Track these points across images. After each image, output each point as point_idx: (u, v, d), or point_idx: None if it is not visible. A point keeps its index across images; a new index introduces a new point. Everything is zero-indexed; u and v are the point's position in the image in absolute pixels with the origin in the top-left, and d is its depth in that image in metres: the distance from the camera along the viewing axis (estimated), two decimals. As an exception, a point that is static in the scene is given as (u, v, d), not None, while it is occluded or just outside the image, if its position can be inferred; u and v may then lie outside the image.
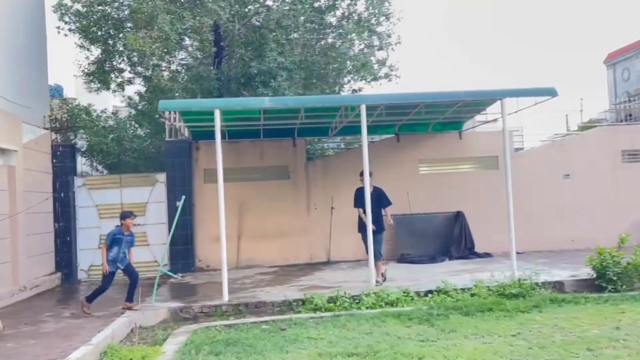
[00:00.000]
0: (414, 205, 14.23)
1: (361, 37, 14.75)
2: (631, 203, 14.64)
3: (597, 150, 14.88)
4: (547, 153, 14.98)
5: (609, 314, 7.64)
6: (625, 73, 44.11)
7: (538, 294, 9.06)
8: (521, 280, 9.33)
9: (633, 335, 6.54)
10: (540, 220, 14.47)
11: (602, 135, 15.20)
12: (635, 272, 9.32)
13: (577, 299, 8.62)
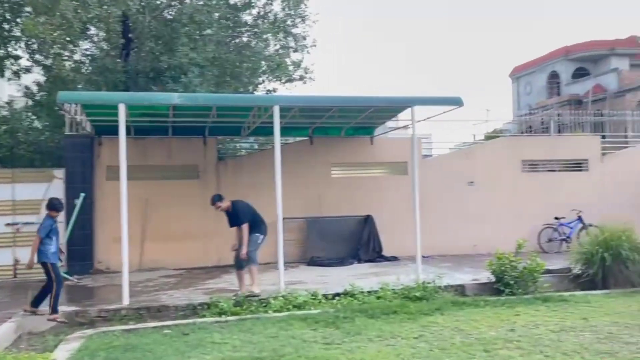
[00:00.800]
0: (326, 208, 14.39)
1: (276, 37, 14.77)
2: (530, 211, 15.55)
3: (500, 160, 15.70)
4: (453, 161, 15.64)
5: (505, 316, 8.06)
6: (527, 87, 47.02)
7: (441, 297, 9.41)
8: (425, 284, 9.66)
9: (526, 337, 6.93)
10: (446, 225, 15.06)
11: (505, 145, 16.07)
12: (530, 276, 9.90)
13: (476, 302, 9.02)
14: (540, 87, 44.44)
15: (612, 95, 36.92)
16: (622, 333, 7.02)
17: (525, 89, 46.62)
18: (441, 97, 10.76)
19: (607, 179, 16.10)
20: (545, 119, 21.26)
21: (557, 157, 16.14)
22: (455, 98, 10.62)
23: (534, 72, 45.36)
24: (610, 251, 10.04)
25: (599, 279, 10.12)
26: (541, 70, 44.43)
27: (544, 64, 44.00)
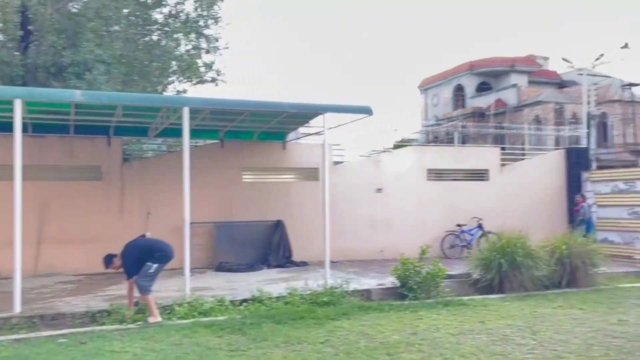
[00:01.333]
0: (236, 213, 14.24)
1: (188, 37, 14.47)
2: (434, 218, 16.17)
3: (407, 168, 16.22)
4: (363, 168, 15.98)
5: (408, 321, 8.30)
6: (435, 99, 48.99)
7: (348, 301, 9.54)
8: (333, 289, 9.77)
9: (427, 340, 7.18)
10: (354, 231, 15.34)
11: (412, 154, 16.62)
12: (432, 281, 10.26)
13: (381, 307, 9.24)
14: (447, 99, 46.44)
15: (512, 110, 39.24)
16: (515, 335, 7.43)
17: (433, 101, 48.53)
18: (352, 105, 10.95)
19: (505, 188, 17.05)
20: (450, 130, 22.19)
21: (460, 166, 16.90)
22: (365, 107, 10.85)
23: (441, 85, 47.35)
24: (507, 257, 10.60)
25: (496, 283, 10.65)
26: (448, 83, 46.46)
27: (451, 77, 46.05)
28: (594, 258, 11.11)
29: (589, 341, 7.08)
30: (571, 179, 17.32)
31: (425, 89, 49.53)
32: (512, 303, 9.69)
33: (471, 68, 44.05)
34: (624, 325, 7.94)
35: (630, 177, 15.72)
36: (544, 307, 9.29)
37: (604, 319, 8.32)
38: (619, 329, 7.71)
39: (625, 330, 7.62)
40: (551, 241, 11.33)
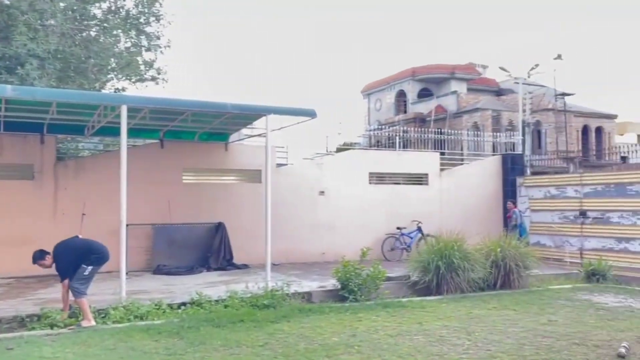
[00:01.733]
0: (176, 214, 13.99)
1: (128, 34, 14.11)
2: (375, 221, 16.39)
3: (349, 171, 16.37)
4: (306, 170, 16.02)
5: (348, 323, 8.38)
6: (378, 103, 49.68)
7: (288, 304, 9.54)
8: (273, 291, 9.74)
9: (366, 341, 7.26)
10: (297, 233, 15.36)
11: (354, 157, 16.80)
12: (372, 283, 10.40)
13: (322, 309, 9.28)
14: (389, 105, 47.19)
15: (452, 116, 40.26)
16: (451, 336, 7.62)
17: (376, 106, 49.19)
18: (295, 107, 10.97)
19: (444, 192, 17.47)
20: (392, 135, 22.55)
21: (401, 170, 17.21)
22: (309, 110, 10.90)
23: (384, 90, 48.06)
24: (444, 260, 10.86)
25: (433, 285, 10.90)
26: (390, 89, 47.20)
27: (393, 83, 46.82)
28: (527, 261, 11.53)
29: (521, 341, 7.34)
30: (507, 184, 17.92)
31: (368, 93, 50.16)
32: (448, 304, 9.93)
33: (413, 74, 44.93)
34: (553, 325, 8.27)
35: (561, 183, 16.40)
36: (479, 308, 9.56)
37: (535, 319, 8.65)
38: (549, 328, 8.03)
39: (554, 329, 7.94)
40: (486, 244, 11.69)
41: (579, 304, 9.92)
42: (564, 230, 15.86)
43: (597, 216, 15.22)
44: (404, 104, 46.30)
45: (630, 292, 11.24)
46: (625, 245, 14.53)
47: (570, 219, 15.94)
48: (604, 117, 40.66)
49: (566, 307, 9.70)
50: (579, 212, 15.68)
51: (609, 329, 7.95)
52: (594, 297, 10.75)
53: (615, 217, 14.76)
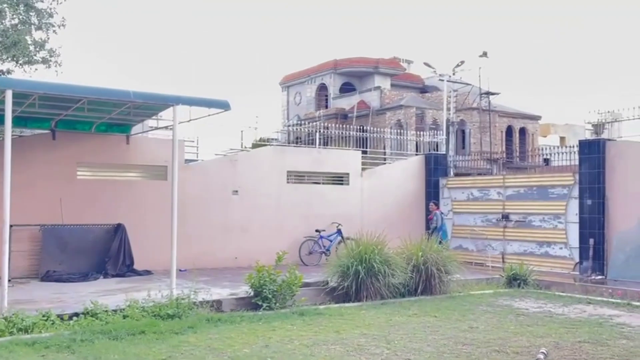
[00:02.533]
0: (68, 214, 13.44)
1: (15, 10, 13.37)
2: (293, 223, 16.46)
3: (266, 169, 16.36)
4: (218, 167, 15.85)
5: (261, 332, 8.35)
6: (297, 97, 49.91)
7: (195, 313, 9.38)
8: (179, 300, 9.56)
9: (279, 352, 7.26)
10: (207, 236, 15.15)
11: (271, 154, 16.79)
12: (288, 289, 10.42)
13: (233, 318, 9.20)
14: (310, 98, 47.51)
15: (375, 112, 41.11)
16: (369, 345, 7.76)
17: (295, 99, 49.40)
18: (208, 98, 10.82)
19: (365, 193, 17.81)
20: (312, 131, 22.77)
21: (321, 169, 17.38)
22: (223, 101, 10.79)
23: (304, 83, 48.34)
24: (364, 264, 11.05)
25: (352, 291, 11.06)
26: (311, 82, 47.55)
27: (314, 75, 47.18)
28: (449, 265, 11.94)
29: (441, 349, 7.59)
30: (430, 184, 18.51)
31: (287, 86, 50.26)
32: (368, 311, 10.12)
33: (335, 67, 45.49)
34: (474, 332, 8.62)
35: (484, 185, 17.14)
36: (399, 315, 9.81)
37: (455, 326, 8.97)
38: (469, 335, 8.35)
39: (474, 337, 8.27)
40: (408, 248, 12.01)
41: (499, 310, 10.38)
42: (487, 233, 16.56)
43: (519, 219, 16.02)
44: (325, 99, 46.77)
45: (550, 297, 11.90)
46: (546, 250, 15.38)
47: (493, 222, 16.69)
48: (528, 117, 42.87)
49: (487, 313, 10.13)
50: (502, 215, 16.44)
51: (529, 335, 8.37)
52: (515, 302, 11.28)
53: (537, 221, 15.60)
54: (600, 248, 14.16)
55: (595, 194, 14.29)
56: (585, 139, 15.62)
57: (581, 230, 14.57)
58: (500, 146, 40.19)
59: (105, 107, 12.19)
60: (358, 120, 39.58)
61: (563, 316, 9.93)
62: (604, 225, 14.18)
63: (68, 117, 13.24)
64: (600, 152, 14.27)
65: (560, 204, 15.10)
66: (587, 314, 10.12)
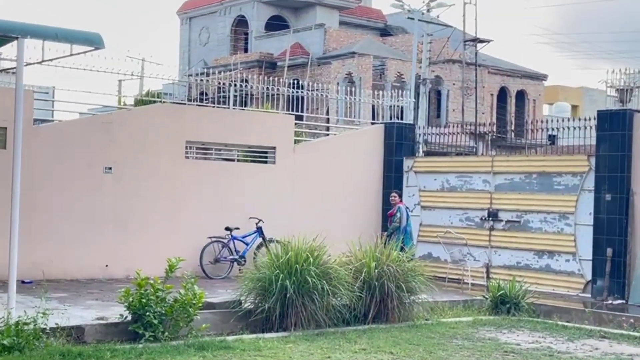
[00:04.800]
0: None
1: None
2: (193, 217, 16.31)
3: (155, 137, 16.11)
4: (83, 132, 15.51)
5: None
6: (204, 34, 49.46)
7: (44, 346, 9.21)
8: (20, 325, 9.35)
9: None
10: (65, 232, 14.87)
11: (164, 116, 16.58)
12: (183, 312, 10.33)
13: (100, 353, 9.06)
14: (222, 37, 47.21)
15: (315, 61, 41.22)
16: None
17: (201, 37, 48.97)
18: (70, 29, 10.57)
19: (299, 176, 17.82)
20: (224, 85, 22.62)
21: (236, 140, 17.30)
22: (92, 34, 10.63)
23: (214, 14, 47.97)
24: (294, 278, 11.07)
25: (276, 315, 11.08)
26: (224, 12, 47.25)
27: (229, 4, 46.84)
28: (412, 281, 12.11)
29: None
30: (390, 167, 18.70)
31: (189, 17, 49.74)
32: (297, 345, 10.17)
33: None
34: (445, 375, 8.81)
35: (466, 169, 17.47)
36: (341, 351, 9.91)
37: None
38: (439, 381, 8.53)
39: (445, 383, 8.46)
40: (357, 256, 12.10)
41: (480, 346, 10.61)
42: (466, 237, 16.87)
43: (511, 219, 16.40)
44: (245, 39, 46.61)
45: (551, 328, 12.24)
46: (548, 262, 15.81)
47: (476, 222, 17.05)
48: (529, 77, 43.96)
49: (463, 349, 10.34)
50: (488, 213, 16.78)
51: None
52: (502, 335, 11.57)
53: (536, 221, 16.02)
54: (620, 261, 14.63)
55: (617, 185, 14.75)
56: (605, 109, 16.06)
57: (596, 236, 15.02)
58: (489, 116, 41.01)
59: None
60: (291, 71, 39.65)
61: (567, 355, 10.24)
62: (626, 231, 14.64)
63: None
64: (627, 127, 14.70)
65: (569, 198, 15.54)
66: (600, 353, 10.47)
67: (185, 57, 48.58)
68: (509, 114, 42.48)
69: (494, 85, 41.89)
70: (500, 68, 42.64)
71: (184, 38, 49.33)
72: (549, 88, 47.88)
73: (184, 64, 48.13)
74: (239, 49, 46.11)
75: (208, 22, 48.21)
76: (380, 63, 39.11)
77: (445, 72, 39.83)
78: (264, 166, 17.71)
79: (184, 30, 49.67)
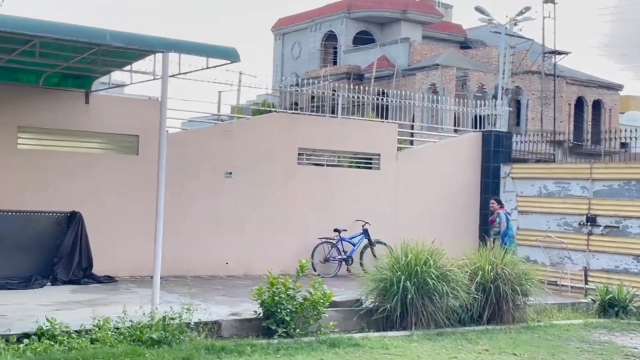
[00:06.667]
0: (4, 196, 13.22)
1: None
2: (303, 219, 16.25)
3: (270, 145, 16.09)
4: (206, 140, 15.59)
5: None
6: (296, 48, 49.60)
7: (188, 339, 9.19)
8: (167, 320, 9.33)
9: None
10: (189, 233, 14.93)
11: (278, 124, 16.53)
12: (312, 310, 10.19)
13: (241, 348, 9.02)
14: (313, 51, 47.23)
15: (401, 73, 40.84)
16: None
17: (293, 52, 49.09)
18: (209, 44, 10.62)
19: (401, 181, 17.58)
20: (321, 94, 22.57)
21: (343, 147, 17.14)
22: (229, 48, 10.66)
23: (305, 30, 48.04)
24: (415, 280, 10.82)
25: (396, 315, 10.85)
26: (315, 29, 47.28)
27: (319, 20, 46.87)
28: (526, 285, 11.74)
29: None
30: (487, 173, 18.31)
31: (282, 33, 49.98)
32: (421, 344, 9.96)
33: (348, 9, 45.21)
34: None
35: (564, 176, 16.94)
36: (466, 352, 9.65)
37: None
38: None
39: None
40: (471, 259, 11.79)
41: (599, 349, 10.21)
42: (564, 242, 16.38)
43: (610, 224, 15.83)
44: (334, 53, 46.54)
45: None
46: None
47: (574, 226, 16.52)
48: (605, 86, 42.75)
49: (584, 352, 9.97)
50: (586, 218, 16.26)
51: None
52: (616, 338, 11.14)
53: (636, 227, 15.42)
54: None
55: None
56: None
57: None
58: (567, 123, 40.09)
59: (64, 51, 11.94)
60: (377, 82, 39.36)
61: (687, 359, 9.77)
62: None
63: (9, 64, 12.95)
64: None
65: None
66: None
67: (279, 70, 48.79)
68: (585, 122, 41.43)
69: (572, 95, 40.90)
70: (577, 79, 41.63)
71: (277, 52, 49.57)
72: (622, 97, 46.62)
73: (275, 76, 48.39)
74: (329, 62, 46.08)
75: (300, 37, 48.33)
76: (462, 74, 38.53)
77: (525, 83, 39.04)
78: (369, 172, 17.53)
79: (277, 45, 49.91)
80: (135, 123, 14.31)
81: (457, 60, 40.72)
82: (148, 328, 9.13)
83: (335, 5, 45.82)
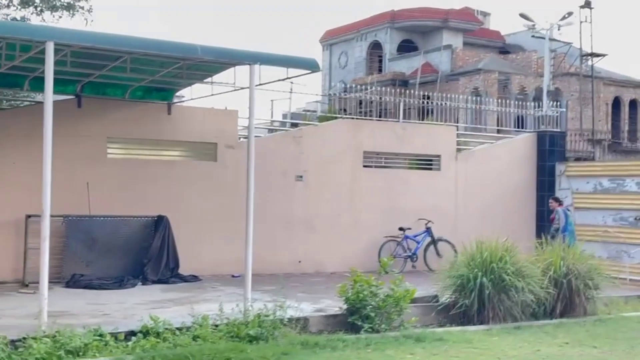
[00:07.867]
0: (97, 203, 13.27)
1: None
2: (370, 218, 16.09)
3: (337, 149, 16.00)
4: (278, 146, 15.53)
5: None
6: (343, 58, 49.39)
7: (282, 335, 9.10)
8: (261, 317, 9.27)
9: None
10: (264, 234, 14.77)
11: (344, 130, 16.40)
12: (395, 306, 10.03)
13: (333, 343, 8.90)
14: (359, 60, 46.96)
15: (444, 78, 40.40)
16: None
17: (340, 61, 48.90)
18: (291, 56, 10.61)
19: (460, 182, 17.33)
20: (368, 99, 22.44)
21: (405, 150, 16.98)
22: (310, 60, 10.68)
23: (351, 40, 47.76)
24: (491, 276, 10.59)
25: (474, 310, 10.63)
26: (361, 39, 46.97)
27: (365, 31, 46.54)
28: (596, 278, 11.45)
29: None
30: (542, 172, 17.98)
31: (329, 44, 49.81)
32: (502, 338, 9.73)
33: (392, 20, 44.79)
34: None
35: (619, 173, 16.54)
36: (547, 345, 9.40)
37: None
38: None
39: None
40: (543, 255, 11.53)
41: (676, 340, 9.88)
42: (621, 236, 16.01)
43: (666, 219, 15.44)
44: (379, 61, 46.21)
45: None
46: None
47: (630, 221, 16.12)
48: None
49: (661, 343, 9.65)
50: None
51: None
52: (686, 329, 10.78)
53: (690, 221, 15.01)
54: None
55: None
56: None
57: None
58: (605, 122, 39.34)
59: (151, 66, 12.04)
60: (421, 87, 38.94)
61: None
62: None
63: (98, 79, 13.05)
64: None
65: None
66: None
67: (327, 78, 48.64)
68: (622, 121, 40.61)
69: (609, 95, 40.08)
70: (614, 79, 40.79)
71: (326, 62, 49.35)
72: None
73: (324, 83, 48.29)
74: (374, 69, 45.79)
75: (346, 47, 48.13)
76: (504, 78, 37.99)
77: (564, 85, 38.33)
78: (430, 172, 17.33)
79: (325, 55, 49.74)
80: (214, 132, 14.43)
81: (497, 65, 40.16)
82: (244, 325, 9.08)
83: (380, 17, 45.49)
